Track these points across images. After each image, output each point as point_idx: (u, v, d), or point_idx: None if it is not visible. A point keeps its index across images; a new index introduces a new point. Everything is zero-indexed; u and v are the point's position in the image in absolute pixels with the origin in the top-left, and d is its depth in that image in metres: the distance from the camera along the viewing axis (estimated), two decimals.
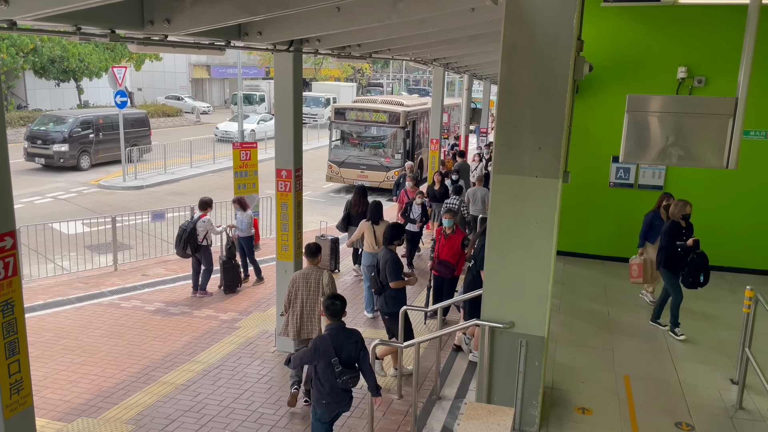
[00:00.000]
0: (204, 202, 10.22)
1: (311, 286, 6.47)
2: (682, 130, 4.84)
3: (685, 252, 7.74)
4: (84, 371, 7.51)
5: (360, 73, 63.36)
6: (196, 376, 7.42)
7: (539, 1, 4.91)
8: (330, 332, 5.17)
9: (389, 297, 7.23)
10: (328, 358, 5.05)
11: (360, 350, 5.22)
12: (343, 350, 5.11)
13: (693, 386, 6.74)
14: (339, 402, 5.21)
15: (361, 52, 8.86)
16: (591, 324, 8.45)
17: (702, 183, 10.68)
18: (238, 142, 12.89)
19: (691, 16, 10.18)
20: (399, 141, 19.63)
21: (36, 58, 30.12)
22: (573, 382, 6.76)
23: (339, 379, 5.07)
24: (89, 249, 12.72)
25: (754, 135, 10.34)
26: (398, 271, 7.15)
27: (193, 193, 19.03)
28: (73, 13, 4.11)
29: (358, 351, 5.21)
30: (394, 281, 7.12)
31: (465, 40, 9.74)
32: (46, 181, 20.19)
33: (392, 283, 7.12)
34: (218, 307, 9.75)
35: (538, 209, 5.25)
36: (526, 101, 5.10)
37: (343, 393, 5.20)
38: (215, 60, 48.74)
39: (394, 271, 7.10)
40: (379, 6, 5.82)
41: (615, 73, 10.63)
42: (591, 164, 11.02)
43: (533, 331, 5.47)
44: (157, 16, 4.91)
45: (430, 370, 7.44)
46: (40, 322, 8.95)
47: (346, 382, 5.11)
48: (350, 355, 5.15)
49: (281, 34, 6.34)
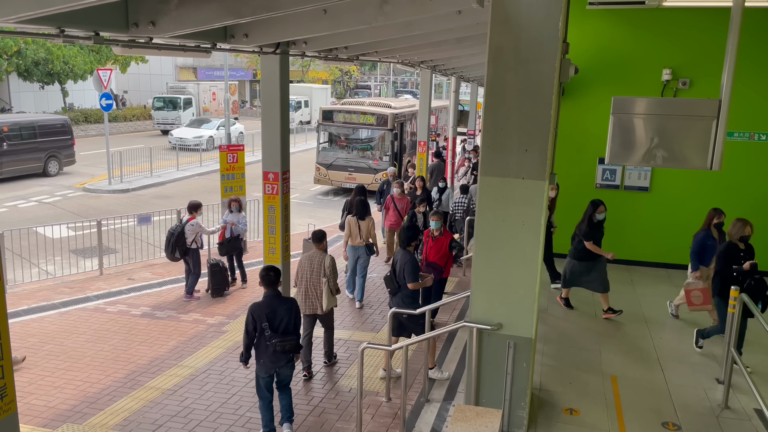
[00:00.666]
0: (192, 205, 10.17)
1: (314, 267, 7.36)
2: (666, 131, 4.89)
3: (742, 277, 6.93)
4: (69, 377, 7.43)
5: (347, 75, 63.35)
6: (183, 380, 7.36)
7: (525, 3, 4.93)
8: (264, 300, 5.85)
9: (405, 297, 7.27)
10: (260, 322, 5.74)
11: (294, 317, 5.87)
12: (277, 316, 5.76)
13: (679, 386, 6.79)
14: (274, 362, 5.87)
15: (348, 54, 8.86)
16: (578, 325, 8.49)
17: (686, 184, 10.78)
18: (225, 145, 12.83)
19: (676, 18, 10.28)
20: (387, 143, 19.64)
21: (20, 60, 29.83)
22: (561, 383, 6.79)
23: (269, 342, 5.70)
24: (74, 253, 12.59)
25: (738, 136, 10.46)
26: (416, 273, 7.24)
27: (179, 196, 18.91)
28: (57, 16, 4.07)
29: (292, 317, 5.85)
30: (412, 283, 7.17)
31: (452, 42, 9.77)
32: (31, 185, 19.99)
33: (410, 285, 7.17)
34: (205, 310, 9.69)
35: (524, 211, 5.26)
36: (512, 103, 5.12)
37: (279, 354, 5.81)
38: (202, 62, 48.52)
39: (412, 272, 7.17)
40: (365, 9, 5.82)
41: (600, 75, 10.71)
42: (577, 166, 11.09)
43: (521, 333, 5.48)
44: (142, 18, 4.88)
45: (418, 373, 7.44)
46: (24, 327, 8.84)
47: (276, 345, 5.71)
48: (284, 321, 5.79)
49: (268, 37, 6.32)
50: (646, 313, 8.98)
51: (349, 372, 7.65)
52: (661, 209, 10.94)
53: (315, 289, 7.40)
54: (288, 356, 5.93)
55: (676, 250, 10.68)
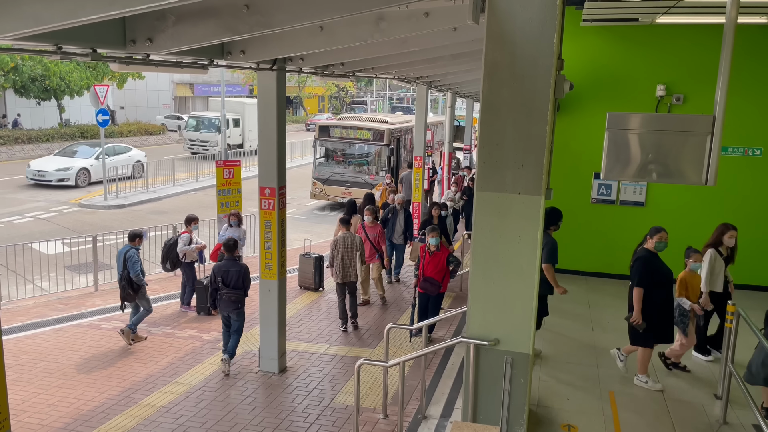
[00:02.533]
0: (187, 219, 10.26)
1: (348, 245, 9.55)
2: (661, 147, 4.91)
3: None
4: (63, 394, 7.36)
5: (344, 90, 63.67)
6: (178, 398, 7.30)
7: (520, 20, 4.97)
8: (223, 262, 8.04)
9: None
10: (215, 278, 7.92)
11: (241, 278, 7.93)
12: (229, 275, 7.89)
13: (677, 402, 6.76)
14: (224, 308, 8.00)
15: (344, 70, 8.90)
16: (575, 340, 8.47)
17: (682, 199, 10.82)
18: (221, 160, 12.84)
19: (669, 35, 10.39)
20: (383, 158, 19.68)
21: (16, 76, 29.87)
22: (558, 399, 6.75)
23: (218, 292, 7.92)
24: (69, 269, 12.53)
25: (732, 151, 10.52)
26: (554, 254, 7.37)
27: (175, 211, 18.88)
28: (54, 33, 4.08)
29: (240, 277, 7.92)
30: (546, 264, 7.27)
31: (447, 59, 9.84)
32: (26, 200, 19.93)
33: (544, 264, 7.18)
34: (201, 327, 9.64)
35: (521, 226, 5.27)
36: (508, 119, 5.14)
37: (227, 302, 7.93)
38: (198, 78, 48.63)
39: (549, 254, 7.26)
40: (361, 25, 5.86)
41: (595, 91, 10.78)
42: (573, 181, 11.13)
43: (518, 348, 5.46)
44: (139, 35, 4.90)
45: (415, 389, 7.39)
46: (18, 344, 8.77)
47: (223, 295, 7.91)
48: (233, 278, 7.89)
49: (264, 53, 6.35)
50: None
51: (346, 388, 7.60)
52: (656, 224, 10.89)
53: (350, 261, 9.51)
54: (236, 305, 7.95)
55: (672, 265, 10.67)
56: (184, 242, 10.08)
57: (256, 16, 4.60)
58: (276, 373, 7.97)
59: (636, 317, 6.82)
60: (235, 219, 10.88)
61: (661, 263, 7.06)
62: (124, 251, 8.93)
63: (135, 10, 3.12)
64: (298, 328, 9.60)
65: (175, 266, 10.18)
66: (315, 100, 64.31)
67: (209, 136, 32.85)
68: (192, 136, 33.27)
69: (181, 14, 4.78)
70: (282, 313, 8.08)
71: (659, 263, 7.05)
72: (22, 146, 29.63)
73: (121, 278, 8.88)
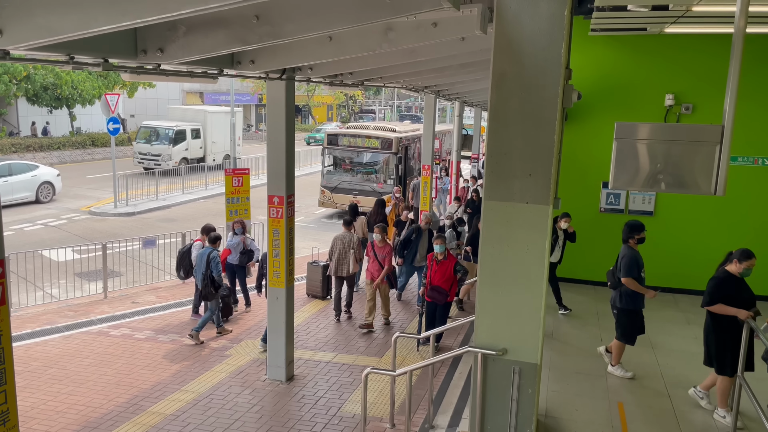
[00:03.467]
0: (204, 228, 10.33)
1: (345, 243, 10.46)
2: (670, 157, 4.89)
3: None
4: (71, 401, 7.40)
5: (352, 99, 63.86)
6: (186, 405, 7.32)
7: (528, 30, 4.99)
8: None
9: (624, 294, 7.38)
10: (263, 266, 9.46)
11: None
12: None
13: (687, 413, 6.71)
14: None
15: (353, 79, 8.95)
16: (584, 350, 8.42)
17: (691, 208, 10.76)
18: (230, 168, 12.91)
19: (678, 44, 10.37)
20: (391, 167, 19.72)
21: (29, 85, 30.20)
22: (567, 409, 6.71)
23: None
24: (79, 276, 12.61)
25: (742, 161, 10.47)
26: (631, 268, 7.28)
27: (184, 219, 18.98)
28: (67, 43, 4.13)
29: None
30: (625, 277, 7.24)
31: (455, 68, 9.87)
32: (37, 208, 20.09)
33: (623, 279, 7.25)
34: (209, 334, 9.65)
35: (529, 235, 5.26)
36: (516, 129, 5.15)
37: None
38: (208, 87, 48.95)
39: (626, 267, 7.27)
40: (370, 36, 5.89)
41: (603, 100, 10.77)
42: (581, 190, 11.10)
43: (526, 358, 5.44)
44: (151, 45, 4.95)
45: (423, 398, 7.37)
46: (27, 351, 8.83)
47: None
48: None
49: (274, 63, 6.40)
50: (653, 338, 8.90)
51: (353, 397, 7.59)
52: (665, 233, 10.90)
53: (344, 258, 10.42)
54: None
55: (681, 275, 10.63)
56: (198, 251, 10.08)
57: (266, 27, 4.63)
58: (283, 381, 7.97)
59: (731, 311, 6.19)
60: (239, 227, 10.89)
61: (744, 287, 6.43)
62: (207, 252, 9.40)
63: (146, 21, 3.16)
64: (305, 337, 9.61)
65: (188, 274, 10.24)
66: (323, 108, 64.56)
67: (161, 149, 28.70)
68: (142, 149, 29.05)
69: (191, 25, 4.83)
70: (290, 321, 8.09)
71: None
72: (34, 154, 29.89)
73: (204, 278, 9.36)
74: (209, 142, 30.99)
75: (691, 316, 9.68)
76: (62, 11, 3.18)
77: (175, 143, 29.01)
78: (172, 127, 29.38)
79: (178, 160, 28.82)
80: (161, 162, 28.12)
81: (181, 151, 29.40)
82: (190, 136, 29.96)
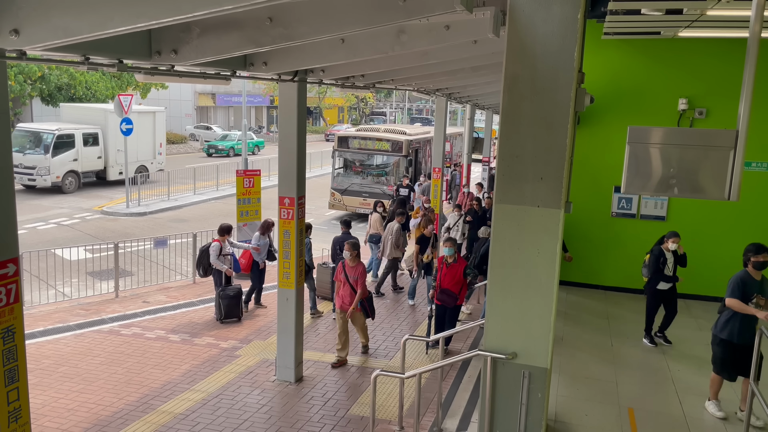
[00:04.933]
0: (220, 228, 10.44)
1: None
2: (683, 161, 4.86)
3: None
4: (82, 399, 7.45)
5: (363, 101, 63.96)
6: (195, 405, 7.35)
7: (540, 34, 4.98)
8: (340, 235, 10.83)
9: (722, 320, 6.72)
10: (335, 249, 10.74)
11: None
12: None
13: (698, 419, 6.65)
14: None
15: (364, 82, 8.96)
16: (594, 355, 8.38)
17: (704, 213, 10.69)
18: (242, 169, 12.96)
19: (692, 48, 10.31)
20: (401, 169, 19.72)
21: (43, 85, 30.48)
22: (576, 415, 6.68)
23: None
24: (91, 275, 12.70)
25: (756, 166, 10.38)
26: (736, 289, 6.51)
27: (196, 220, 19.08)
28: (82, 44, 4.17)
29: None
30: (729, 298, 6.52)
31: (467, 71, 9.86)
32: (50, 207, 20.26)
33: (728, 301, 6.54)
34: (219, 334, 9.70)
35: (540, 239, 5.25)
36: (527, 132, 5.14)
37: None
38: (220, 88, 49.23)
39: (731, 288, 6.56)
40: (382, 38, 5.90)
41: (616, 104, 10.72)
42: (593, 194, 11.05)
43: (536, 362, 5.42)
44: (165, 46, 4.99)
45: (431, 401, 7.36)
46: (39, 348, 8.90)
47: None
48: None
49: (286, 65, 6.42)
50: (663, 343, 8.84)
51: (361, 399, 7.59)
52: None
53: None
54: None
55: (694, 281, 10.54)
56: (215, 251, 10.24)
57: (279, 29, 4.66)
58: (292, 382, 7.99)
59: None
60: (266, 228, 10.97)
61: None
62: None
63: (161, 23, 3.18)
64: (314, 338, 9.62)
65: (206, 273, 10.45)
66: (335, 110, 64.72)
67: (37, 161, 21.89)
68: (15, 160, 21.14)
69: (205, 26, 4.86)
70: (299, 323, 8.10)
71: None
72: None
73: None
74: (111, 149, 24.00)
75: (702, 322, 9.61)
76: (78, 12, 3.21)
77: (55, 152, 22.01)
78: (52, 131, 22.28)
79: (62, 174, 22.32)
80: (36, 177, 21.75)
81: (65, 162, 22.51)
82: (81, 143, 23.04)
